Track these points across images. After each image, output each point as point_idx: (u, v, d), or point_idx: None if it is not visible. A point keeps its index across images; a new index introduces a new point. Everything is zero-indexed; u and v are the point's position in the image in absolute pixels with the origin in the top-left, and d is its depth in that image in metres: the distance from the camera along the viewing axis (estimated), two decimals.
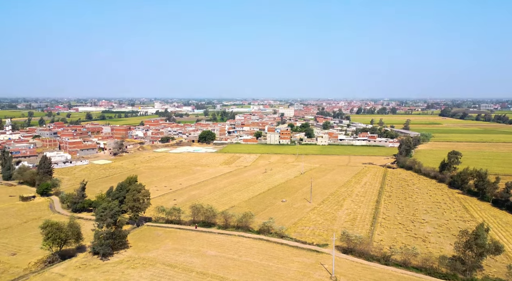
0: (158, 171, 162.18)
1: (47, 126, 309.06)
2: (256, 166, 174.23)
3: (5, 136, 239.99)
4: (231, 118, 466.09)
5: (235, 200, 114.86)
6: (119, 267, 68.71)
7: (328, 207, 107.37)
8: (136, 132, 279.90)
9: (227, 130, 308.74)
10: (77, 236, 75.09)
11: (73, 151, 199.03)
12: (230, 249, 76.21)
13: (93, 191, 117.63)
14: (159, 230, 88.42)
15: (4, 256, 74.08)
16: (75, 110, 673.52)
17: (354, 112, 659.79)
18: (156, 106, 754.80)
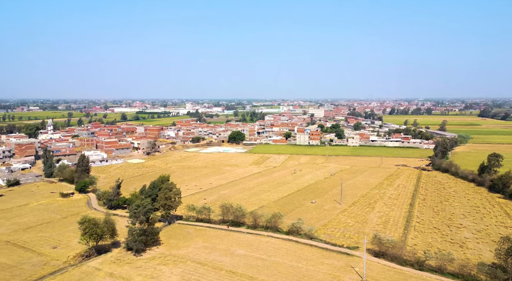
0: (189, 170, 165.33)
1: (85, 126, 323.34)
2: (285, 167, 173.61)
3: (47, 135, 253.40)
4: (260, 118, 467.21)
5: (264, 200, 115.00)
6: (151, 263, 70.69)
7: (359, 209, 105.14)
8: (168, 132, 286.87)
9: (256, 131, 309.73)
10: (112, 232, 77.93)
11: (109, 150, 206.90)
12: (259, 249, 76.40)
13: (127, 189, 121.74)
14: (189, 228, 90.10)
15: (46, 249, 78.26)
16: (111, 111, 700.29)
17: (386, 112, 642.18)
18: (187, 107, 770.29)
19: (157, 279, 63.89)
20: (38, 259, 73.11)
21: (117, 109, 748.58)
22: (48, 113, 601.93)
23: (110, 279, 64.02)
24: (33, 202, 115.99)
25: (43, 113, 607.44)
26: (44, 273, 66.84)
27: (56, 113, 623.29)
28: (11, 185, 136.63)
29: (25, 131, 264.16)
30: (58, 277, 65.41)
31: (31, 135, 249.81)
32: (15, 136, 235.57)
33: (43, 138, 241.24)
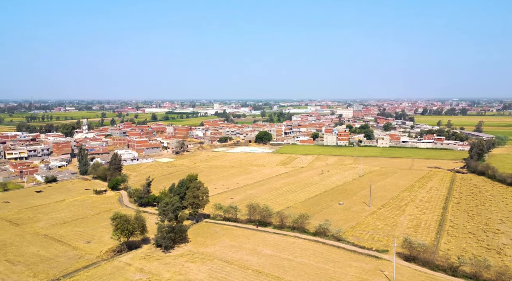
0: (216, 170, 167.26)
1: (117, 126, 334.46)
2: (312, 167, 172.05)
3: (82, 135, 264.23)
4: (287, 119, 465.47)
5: (291, 200, 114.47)
6: (179, 260, 72.10)
7: (389, 212, 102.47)
8: (196, 132, 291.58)
9: (283, 131, 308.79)
10: (142, 228, 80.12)
11: (140, 150, 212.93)
12: (285, 249, 76.15)
13: (157, 187, 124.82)
14: (217, 227, 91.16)
15: (81, 243, 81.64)
16: (142, 111, 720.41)
17: (418, 113, 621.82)
18: (215, 107, 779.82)
19: (185, 276, 65.09)
20: (73, 253, 76.40)
21: (148, 109, 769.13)
22: (83, 113, 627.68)
23: (140, 275, 65.87)
24: (69, 198, 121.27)
25: (79, 113, 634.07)
26: (79, 267, 69.74)
27: (91, 113, 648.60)
28: (49, 181, 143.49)
29: (62, 130, 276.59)
30: (92, 270, 68.05)
31: (68, 134, 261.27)
32: (53, 135, 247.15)
33: (78, 137, 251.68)
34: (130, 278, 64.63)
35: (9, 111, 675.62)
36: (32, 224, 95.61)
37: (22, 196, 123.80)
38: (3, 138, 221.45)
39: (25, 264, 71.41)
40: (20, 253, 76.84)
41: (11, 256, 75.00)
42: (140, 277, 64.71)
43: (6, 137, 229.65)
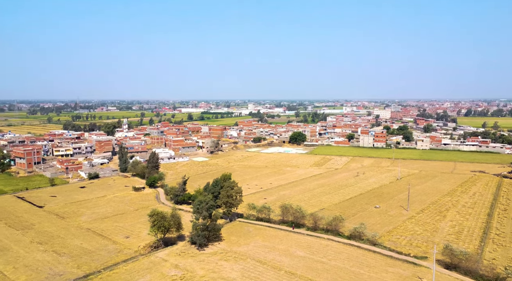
0: (250, 170, 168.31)
1: (155, 126, 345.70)
2: (347, 169, 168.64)
3: (122, 133, 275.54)
4: (322, 119, 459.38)
5: (325, 202, 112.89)
6: (213, 258, 73.30)
7: (428, 217, 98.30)
8: (231, 132, 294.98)
9: (318, 132, 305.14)
10: (178, 225, 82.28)
11: (176, 149, 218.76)
12: (318, 252, 75.23)
13: (192, 185, 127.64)
14: (250, 227, 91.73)
15: (120, 238, 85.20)
16: (179, 111, 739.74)
17: (461, 114, 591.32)
18: (249, 108, 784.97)
19: (218, 274, 66.05)
20: (113, 247, 79.88)
21: (184, 109, 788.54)
22: (124, 113, 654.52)
23: (176, 271, 67.67)
24: (110, 194, 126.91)
25: (119, 113, 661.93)
26: (118, 260, 72.81)
27: (131, 113, 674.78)
28: (92, 178, 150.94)
29: (104, 129, 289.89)
30: (130, 265, 70.79)
31: (109, 133, 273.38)
32: (96, 133, 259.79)
33: (119, 136, 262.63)
34: (166, 273, 66.57)
35: (57, 110, 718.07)
36: (76, 218, 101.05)
37: (68, 191, 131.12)
38: (51, 136, 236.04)
39: (69, 255, 75.61)
40: (65, 245, 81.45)
41: (57, 248, 79.71)
42: (176, 273, 66.46)
43: (54, 135, 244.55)
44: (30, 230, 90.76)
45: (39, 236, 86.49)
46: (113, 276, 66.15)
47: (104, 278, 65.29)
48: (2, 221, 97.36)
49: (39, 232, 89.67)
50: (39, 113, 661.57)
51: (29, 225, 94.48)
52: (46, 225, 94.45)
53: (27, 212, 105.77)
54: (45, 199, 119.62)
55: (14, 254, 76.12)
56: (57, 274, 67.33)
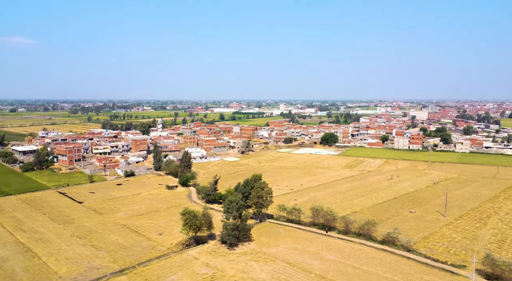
0: (280, 170, 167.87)
1: (188, 125, 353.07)
2: (381, 172, 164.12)
3: (157, 133, 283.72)
4: (355, 120, 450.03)
5: (357, 205, 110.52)
6: (243, 258, 73.79)
7: (468, 223, 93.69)
8: (262, 133, 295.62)
9: (350, 133, 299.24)
10: (209, 224, 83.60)
11: (208, 148, 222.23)
12: (350, 256, 73.78)
13: (223, 185, 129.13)
14: (280, 228, 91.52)
15: (154, 235, 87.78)
16: (211, 111, 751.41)
17: (506, 115, 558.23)
18: (280, 108, 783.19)
19: (248, 274, 66.41)
20: (147, 243, 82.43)
21: (216, 109, 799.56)
22: (158, 113, 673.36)
23: (206, 269, 68.76)
24: (144, 192, 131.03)
25: (154, 113, 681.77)
26: (152, 257, 75.05)
27: (165, 112, 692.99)
28: (128, 175, 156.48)
29: (139, 128, 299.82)
30: (163, 261, 72.75)
31: (144, 132, 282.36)
32: (132, 132, 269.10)
33: (153, 135, 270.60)
34: (197, 271, 67.80)
35: (96, 110, 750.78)
36: (112, 214, 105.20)
37: (105, 188, 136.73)
38: (91, 135, 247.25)
39: (106, 250, 78.85)
40: (102, 239, 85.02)
41: (95, 242, 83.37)
42: (206, 272, 67.54)
43: (93, 134, 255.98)
44: (71, 225, 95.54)
45: (78, 231, 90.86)
46: (147, 272, 68.26)
47: (138, 274, 67.51)
48: (46, 215, 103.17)
49: (78, 226, 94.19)
50: (80, 113, 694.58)
51: (70, 220, 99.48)
52: (85, 220, 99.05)
53: (68, 207, 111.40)
54: (84, 195, 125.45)
55: (57, 247, 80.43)
56: (95, 267, 70.41)
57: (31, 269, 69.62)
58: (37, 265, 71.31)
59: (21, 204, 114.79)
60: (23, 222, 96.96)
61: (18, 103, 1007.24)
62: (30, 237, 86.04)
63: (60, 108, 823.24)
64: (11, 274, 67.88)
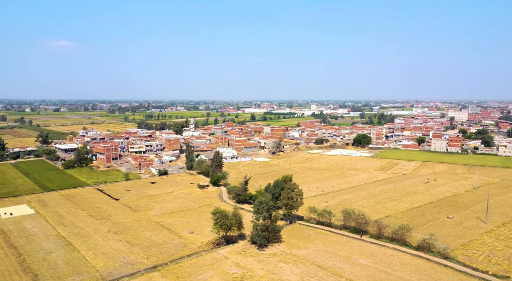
0: (311, 172, 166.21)
1: (219, 125, 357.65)
2: (416, 175, 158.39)
3: (189, 133, 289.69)
4: (389, 121, 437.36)
5: (390, 209, 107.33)
6: (272, 259, 73.75)
7: (511, 231, 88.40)
8: (292, 133, 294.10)
9: (384, 134, 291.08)
10: (239, 224, 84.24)
11: (239, 148, 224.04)
12: (382, 261, 71.79)
13: (253, 185, 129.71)
14: (310, 230, 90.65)
15: (185, 233, 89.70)
16: (242, 111, 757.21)
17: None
18: (312, 108, 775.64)
19: (277, 275, 66.30)
20: (179, 241, 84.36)
21: (247, 109, 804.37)
22: (191, 113, 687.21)
23: (236, 269, 69.35)
24: (177, 190, 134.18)
25: (187, 113, 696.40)
26: (183, 254, 76.72)
27: (197, 113, 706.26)
28: (161, 174, 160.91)
29: (173, 128, 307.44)
30: (194, 259, 74.18)
31: (177, 132, 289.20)
32: (165, 132, 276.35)
33: (186, 134, 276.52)
34: (227, 270, 68.54)
35: (132, 110, 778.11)
36: (146, 211, 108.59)
37: (140, 186, 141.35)
38: (127, 134, 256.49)
39: (140, 246, 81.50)
40: (137, 236, 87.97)
41: (130, 238, 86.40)
42: (236, 271, 68.12)
43: (129, 133, 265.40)
44: (108, 221, 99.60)
45: (114, 226, 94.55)
46: (179, 269, 69.87)
47: (170, 271, 69.25)
48: (85, 211, 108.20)
49: (114, 222, 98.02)
50: (117, 112, 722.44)
51: (107, 216, 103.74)
52: (121, 217, 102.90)
53: (105, 204, 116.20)
54: (120, 192, 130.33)
55: (94, 242, 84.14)
56: (130, 263, 72.97)
57: (71, 262, 73.27)
58: (76, 259, 74.96)
59: (63, 199, 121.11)
60: (64, 217, 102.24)
61: (61, 103, 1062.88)
62: (71, 232, 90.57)
63: (99, 108, 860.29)
64: (54, 265, 71.76)
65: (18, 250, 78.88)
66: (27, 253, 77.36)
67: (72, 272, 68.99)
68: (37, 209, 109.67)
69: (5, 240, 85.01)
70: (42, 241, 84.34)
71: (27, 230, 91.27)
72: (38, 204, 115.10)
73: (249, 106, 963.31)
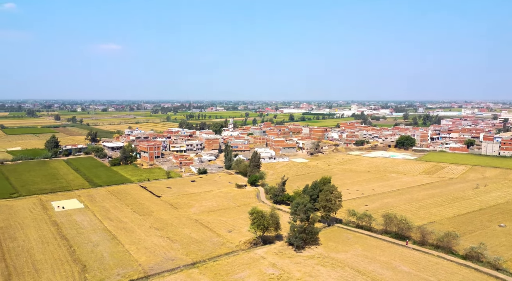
0: (350, 174, 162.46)
1: (258, 126, 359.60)
2: (464, 180, 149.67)
3: (228, 132, 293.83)
4: (435, 122, 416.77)
5: (435, 215, 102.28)
6: (310, 261, 72.96)
7: None
8: (332, 134, 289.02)
9: (429, 136, 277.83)
10: (276, 225, 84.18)
11: (277, 149, 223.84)
12: (426, 269, 68.60)
13: (291, 186, 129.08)
14: (349, 234, 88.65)
15: (223, 232, 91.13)
16: (280, 111, 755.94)
17: None
18: (352, 109, 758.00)
19: (315, 278, 65.49)
20: (217, 239, 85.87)
21: (286, 110, 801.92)
22: (230, 113, 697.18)
23: (273, 269, 69.38)
24: (215, 189, 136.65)
25: (226, 113, 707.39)
26: (221, 253, 78.00)
27: (236, 113, 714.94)
28: (201, 173, 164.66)
29: (212, 128, 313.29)
30: (231, 258, 75.19)
31: (217, 131, 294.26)
32: (205, 132, 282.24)
33: (225, 134, 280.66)
34: (264, 271, 68.76)
35: (174, 110, 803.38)
36: (186, 209, 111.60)
37: (180, 184, 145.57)
38: (169, 134, 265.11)
39: (180, 243, 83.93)
40: (177, 232, 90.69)
41: (170, 235, 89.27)
42: (273, 272, 68.15)
43: (171, 132, 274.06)
44: (150, 217, 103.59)
45: (156, 223, 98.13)
46: (216, 267, 71.14)
47: (208, 268, 70.70)
48: (129, 207, 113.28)
49: (156, 218, 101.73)
50: (160, 112, 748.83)
51: (149, 212, 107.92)
52: (162, 213, 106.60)
53: (148, 200, 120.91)
54: (162, 190, 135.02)
55: (137, 236, 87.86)
56: (170, 258, 75.40)
57: (116, 255, 77.04)
58: (121, 252, 78.69)
59: (109, 195, 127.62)
60: (110, 212, 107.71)
61: (108, 103, 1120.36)
62: (116, 226, 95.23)
63: (143, 108, 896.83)
64: (101, 257, 75.86)
65: (69, 242, 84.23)
66: (77, 245, 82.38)
67: (117, 265, 72.50)
68: (86, 203, 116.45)
69: (58, 231, 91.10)
70: (90, 234, 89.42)
71: (77, 223, 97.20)
72: (87, 198, 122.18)
73: (288, 107, 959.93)
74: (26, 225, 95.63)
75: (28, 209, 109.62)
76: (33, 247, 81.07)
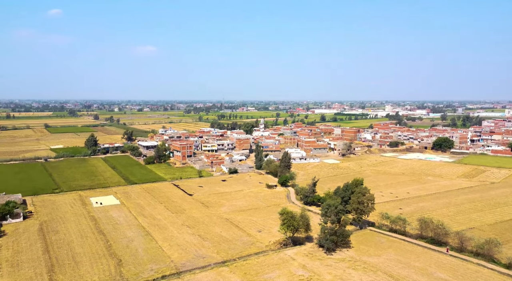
0: (384, 176, 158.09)
1: (288, 126, 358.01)
2: (508, 184, 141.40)
3: (259, 133, 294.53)
4: (476, 124, 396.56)
5: (475, 221, 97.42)
6: (341, 264, 71.78)
7: None
8: (364, 135, 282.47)
9: (469, 138, 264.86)
10: (306, 226, 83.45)
11: (308, 149, 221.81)
12: (465, 277, 65.54)
13: (322, 187, 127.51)
14: (381, 237, 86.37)
15: (253, 231, 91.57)
16: (312, 112, 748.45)
17: None
18: (386, 109, 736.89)
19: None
20: (247, 239, 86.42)
21: (317, 110, 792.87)
22: (261, 113, 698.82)
23: (303, 271, 68.90)
24: (246, 189, 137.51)
25: (257, 113, 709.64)
26: (251, 252, 78.42)
27: (267, 113, 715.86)
28: (231, 172, 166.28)
29: (243, 128, 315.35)
30: (261, 258, 75.41)
31: (247, 131, 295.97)
32: (236, 132, 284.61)
33: (256, 134, 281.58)
34: (294, 272, 68.43)
35: (206, 110, 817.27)
36: (217, 208, 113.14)
37: (211, 183, 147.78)
38: (201, 133, 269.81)
39: (211, 241, 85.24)
40: (208, 231, 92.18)
41: (202, 232, 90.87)
42: (303, 274, 67.67)
43: (203, 132, 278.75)
44: (182, 214, 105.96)
45: (188, 220, 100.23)
46: (246, 266, 71.62)
47: (238, 267, 71.32)
48: (162, 204, 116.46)
49: (188, 216, 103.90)
50: (192, 112, 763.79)
51: (181, 210, 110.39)
52: (194, 212, 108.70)
53: (180, 199, 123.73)
54: (194, 188, 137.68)
55: (170, 234, 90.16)
56: (201, 256, 76.79)
57: (149, 251, 79.49)
58: (154, 248, 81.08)
59: (143, 192, 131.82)
60: (144, 209, 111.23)
61: (144, 104, 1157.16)
62: (150, 223, 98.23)
63: (176, 108, 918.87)
64: (135, 253, 78.56)
65: (106, 236, 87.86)
66: (113, 240, 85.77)
67: (150, 260, 74.78)
68: (122, 200, 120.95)
69: (96, 226, 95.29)
70: (126, 229, 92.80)
71: (113, 219, 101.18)
72: (122, 195, 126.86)
73: (319, 107, 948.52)
74: (67, 219, 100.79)
75: (69, 204, 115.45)
76: (73, 241, 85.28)
